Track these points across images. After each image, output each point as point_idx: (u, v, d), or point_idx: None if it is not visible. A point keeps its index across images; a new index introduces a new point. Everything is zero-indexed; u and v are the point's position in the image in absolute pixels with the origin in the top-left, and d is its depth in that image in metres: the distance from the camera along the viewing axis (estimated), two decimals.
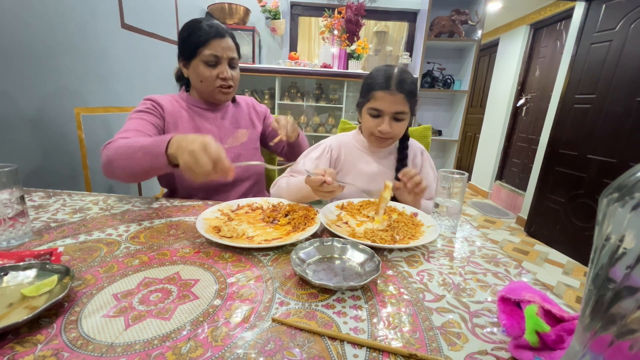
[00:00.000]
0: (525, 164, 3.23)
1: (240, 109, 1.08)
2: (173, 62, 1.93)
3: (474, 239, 0.70)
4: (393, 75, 0.84)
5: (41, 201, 0.78)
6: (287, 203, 0.81)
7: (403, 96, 0.84)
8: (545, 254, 2.38)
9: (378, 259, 0.52)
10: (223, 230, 0.62)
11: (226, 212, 0.73)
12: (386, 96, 0.84)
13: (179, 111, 0.94)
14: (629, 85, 1.95)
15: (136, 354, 0.33)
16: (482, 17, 2.54)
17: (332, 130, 2.70)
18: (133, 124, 0.83)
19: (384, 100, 0.84)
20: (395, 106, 0.84)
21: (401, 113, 0.86)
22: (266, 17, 2.76)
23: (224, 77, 0.90)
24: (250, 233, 0.64)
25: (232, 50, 0.91)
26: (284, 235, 0.64)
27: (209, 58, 0.88)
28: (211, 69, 0.89)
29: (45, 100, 1.16)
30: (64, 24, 1.21)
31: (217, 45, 0.87)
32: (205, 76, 0.90)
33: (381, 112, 0.86)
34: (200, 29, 0.87)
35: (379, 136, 0.88)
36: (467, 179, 0.72)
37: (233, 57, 0.91)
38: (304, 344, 0.36)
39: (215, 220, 0.68)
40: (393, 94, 0.83)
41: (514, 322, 0.38)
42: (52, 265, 0.45)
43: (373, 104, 0.86)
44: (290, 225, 0.69)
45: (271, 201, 0.82)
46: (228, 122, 1.02)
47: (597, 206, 0.24)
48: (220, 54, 0.88)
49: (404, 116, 0.87)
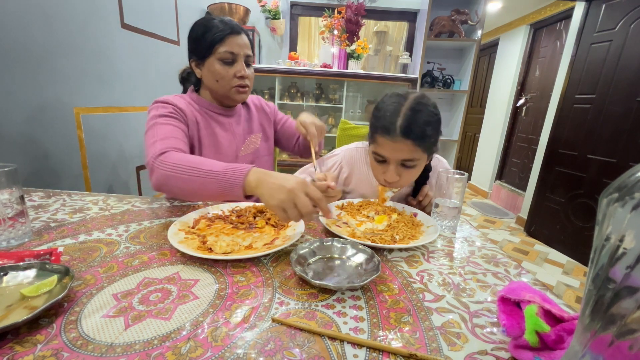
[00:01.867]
0: (525, 164, 3.23)
1: (250, 113, 1.04)
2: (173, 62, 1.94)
3: (474, 239, 0.70)
4: (400, 116, 0.68)
5: (41, 201, 0.78)
6: (245, 206, 0.75)
7: (411, 143, 0.68)
8: (545, 254, 2.38)
9: (378, 259, 0.52)
10: (217, 247, 0.55)
11: (188, 231, 0.62)
12: (388, 143, 0.70)
13: (194, 115, 0.88)
14: (629, 85, 1.95)
15: (136, 354, 0.33)
16: (482, 17, 2.54)
17: (332, 130, 2.70)
18: (167, 130, 0.76)
19: (387, 148, 0.71)
20: (400, 154, 0.70)
21: (410, 160, 0.71)
22: (266, 17, 2.76)
23: (241, 76, 0.86)
24: (242, 242, 0.59)
25: (248, 47, 0.87)
26: (275, 236, 0.63)
27: (226, 55, 0.84)
28: (227, 67, 0.85)
29: (45, 100, 1.16)
30: (64, 23, 1.20)
31: (234, 42, 0.84)
32: (222, 75, 0.85)
33: (386, 158, 0.73)
34: (215, 26, 0.83)
35: (385, 185, 0.77)
36: (467, 179, 0.72)
37: (249, 55, 0.88)
38: (303, 344, 0.36)
39: (187, 241, 0.57)
40: (397, 142, 0.68)
41: (514, 322, 0.38)
42: (52, 265, 0.45)
43: (375, 148, 0.74)
44: (269, 227, 0.66)
45: (223, 208, 0.74)
46: (241, 128, 0.98)
47: (597, 206, 0.24)
48: (237, 51, 0.85)
49: (414, 163, 0.72)
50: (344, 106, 2.65)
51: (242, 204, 0.77)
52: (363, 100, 2.84)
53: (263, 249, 0.57)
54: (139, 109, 1.66)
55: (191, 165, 0.64)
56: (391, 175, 0.73)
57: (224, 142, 0.92)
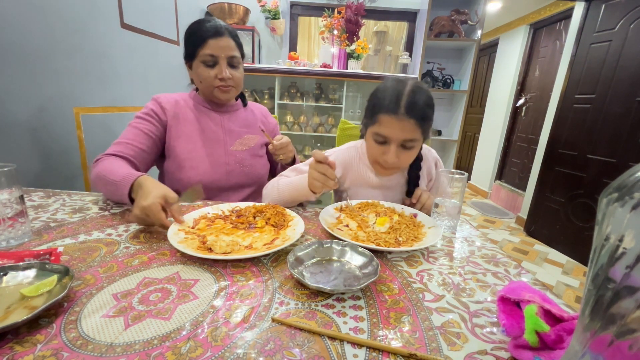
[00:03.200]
0: (525, 163, 3.23)
1: (252, 115, 1.07)
2: (173, 61, 1.94)
3: (474, 239, 0.70)
4: (403, 96, 0.71)
5: (41, 201, 0.78)
6: (245, 206, 0.76)
7: (414, 122, 0.71)
8: (544, 253, 2.38)
9: (377, 263, 0.51)
10: (217, 247, 0.55)
11: (188, 231, 0.62)
12: (393, 122, 0.72)
13: (184, 111, 0.94)
14: (629, 85, 1.95)
15: (136, 354, 0.33)
16: (482, 17, 2.54)
17: (332, 130, 2.69)
18: (129, 134, 0.86)
19: (391, 127, 0.72)
20: (403, 133, 0.72)
21: (411, 141, 0.74)
22: (266, 17, 2.76)
23: (221, 78, 0.88)
24: (242, 242, 0.59)
25: (231, 49, 0.88)
26: (275, 236, 0.63)
27: (206, 58, 0.87)
28: (209, 69, 0.88)
29: (44, 100, 1.16)
30: (63, 23, 1.20)
31: (214, 44, 0.86)
32: (204, 77, 0.89)
33: (387, 139, 0.75)
34: (200, 30, 0.86)
35: (384, 166, 0.79)
36: (466, 179, 0.72)
37: (233, 56, 0.89)
38: (303, 344, 0.36)
39: (187, 241, 0.58)
40: (401, 120, 0.71)
41: (514, 322, 0.38)
42: (52, 265, 0.45)
43: (378, 128, 0.75)
44: (269, 227, 0.66)
45: (223, 208, 0.74)
46: (237, 125, 1.01)
47: (597, 206, 0.24)
48: (218, 53, 0.86)
49: (414, 144, 0.75)
50: (343, 106, 2.64)
51: (242, 204, 0.77)
52: (363, 100, 2.83)
53: (263, 249, 0.56)
54: (138, 109, 1.65)
55: (104, 175, 0.73)
56: (392, 155, 0.74)
57: (212, 136, 0.96)
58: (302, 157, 2.75)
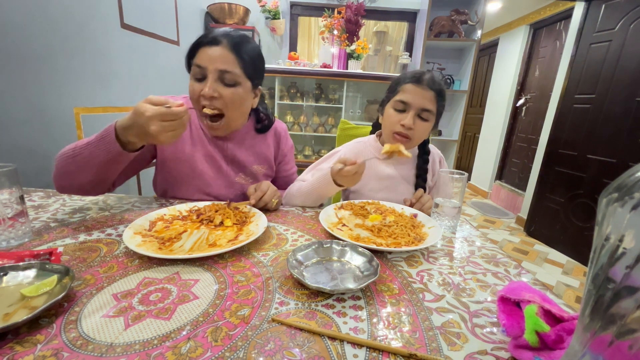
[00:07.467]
0: (525, 164, 3.23)
1: (265, 142, 0.91)
2: (173, 62, 1.94)
3: (474, 239, 0.70)
4: (425, 73, 0.84)
5: (41, 201, 0.78)
6: (203, 205, 0.74)
7: (433, 94, 0.82)
8: (544, 253, 2.38)
9: (377, 263, 0.51)
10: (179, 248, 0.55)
11: (145, 234, 0.60)
12: (416, 89, 0.82)
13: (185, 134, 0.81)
14: (629, 85, 1.95)
15: (136, 354, 0.33)
16: (482, 17, 2.54)
17: (332, 130, 2.70)
18: None
19: (413, 93, 0.82)
20: (423, 101, 0.82)
21: (427, 111, 0.83)
22: (266, 17, 2.76)
23: (203, 94, 0.70)
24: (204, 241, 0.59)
25: (224, 61, 0.70)
26: (238, 232, 0.63)
27: (194, 70, 0.71)
28: (197, 83, 0.72)
29: (44, 100, 1.16)
30: (63, 24, 1.20)
31: (204, 53, 0.70)
32: (190, 93, 0.74)
33: (408, 105, 0.83)
34: (200, 36, 0.73)
35: (401, 131, 0.84)
36: (466, 179, 0.72)
37: (225, 70, 0.70)
38: (303, 344, 0.36)
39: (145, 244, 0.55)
40: (423, 88, 0.81)
41: (514, 322, 0.38)
42: (52, 265, 0.45)
43: (401, 96, 0.84)
44: (231, 223, 0.66)
45: (180, 209, 0.72)
46: (243, 154, 0.87)
47: (597, 206, 0.24)
48: (205, 64, 0.70)
49: (429, 115, 0.84)
50: (343, 106, 2.65)
51: (200, 204, 0.75)
52: (363, 100, 2.84)
53: (227, 245, 0.57)
54: None
55: (70, 147, 0.64)
56: (409, 120, 0.82)
57: (214, 164, 0.84)
58: (301, 157, 2.75)
